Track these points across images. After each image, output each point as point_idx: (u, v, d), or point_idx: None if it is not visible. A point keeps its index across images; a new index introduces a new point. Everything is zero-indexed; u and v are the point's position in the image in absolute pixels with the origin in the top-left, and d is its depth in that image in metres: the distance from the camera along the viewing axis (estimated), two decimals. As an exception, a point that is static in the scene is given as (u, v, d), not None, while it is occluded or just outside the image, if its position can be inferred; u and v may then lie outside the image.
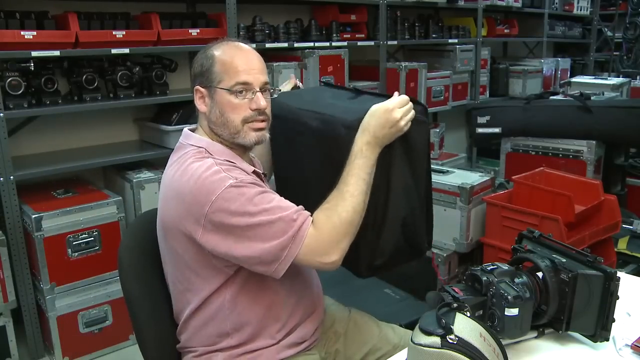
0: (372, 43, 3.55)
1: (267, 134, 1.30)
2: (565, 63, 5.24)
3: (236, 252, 1.14)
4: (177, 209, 1.17)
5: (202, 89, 1.27)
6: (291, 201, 1.19)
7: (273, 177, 1.57)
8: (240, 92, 1.23)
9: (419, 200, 1.31)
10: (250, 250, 1.13)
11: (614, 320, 1.11)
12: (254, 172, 1.28)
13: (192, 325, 1.26)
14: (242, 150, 1.30)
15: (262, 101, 1.25)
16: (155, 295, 1.32)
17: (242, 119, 1.24)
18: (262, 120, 1.27)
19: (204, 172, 1.16)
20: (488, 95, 4.52)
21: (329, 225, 1.15)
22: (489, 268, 1.08)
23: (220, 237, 1.14)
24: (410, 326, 0.98)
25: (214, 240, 1.14)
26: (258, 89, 1.24)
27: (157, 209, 1.29)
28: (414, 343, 0.91)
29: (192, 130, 1.32)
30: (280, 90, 1.47)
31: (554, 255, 1.16)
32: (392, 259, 1.30)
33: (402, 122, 1.20)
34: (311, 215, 1.17)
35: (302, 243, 1.12)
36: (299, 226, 1.13)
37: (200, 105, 1.28)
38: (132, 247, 1.34)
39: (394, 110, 1.19)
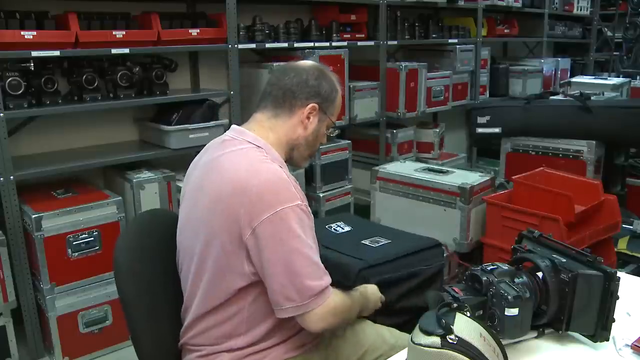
0: (372, 43, 3.55)
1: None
2: (565, 63, 5.24)
3: (268, 265, 1.15)
4: (236, 201, 1.16)
5: (318, 109, 1.34)
6: None
7: None
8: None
9: None
10: (280, 271, 1.15)
11: (614, 320, 1.11)
12: None
13: (204, 324, 1.25)
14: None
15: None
16: (151, 296, 1.32)
17: (317, 147, 1.42)
18: None
19: (276, 176, 1.19)
20: (488, 95, 4.51)
21: (343, 303, 1.27)
22: (489, 268, 1.08)
23: (264, 246, 1.15)
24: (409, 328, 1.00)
25: (258, 246, 1.15)
26: None
27: (155, 209, 1.29)
28: (414, 343, 0.91)
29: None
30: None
31: (554, 255, 1.16)
32: None
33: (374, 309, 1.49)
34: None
35: (322, 303, 1.18)
36: (325, 287, 1.19)
37: (305, 120, 1.33)
38: (128, 247, 1.34)
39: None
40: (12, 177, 2.20)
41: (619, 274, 1.11)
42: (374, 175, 2.97)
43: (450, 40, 4.08)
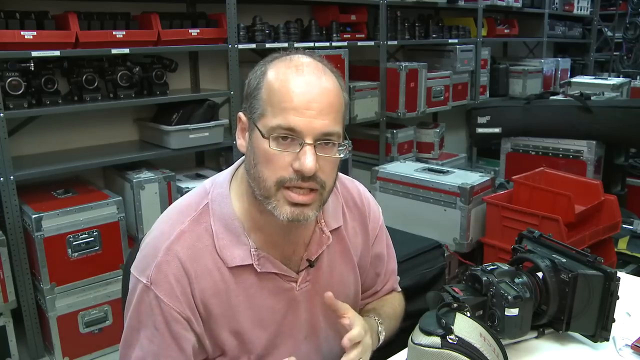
0: (372, 43, 3.55)
1: (311, 213, 0.87)
2: (565, 63, 5.24)
3: None
4: None
5: (243, 118, 0.91)
6: None
7: None
8: (285, 138, 0.83)
9: None
10: None
11: (614, 320, 1.11)
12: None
13: None
14: (277, 227, 0.91)
15: (309, 161, 0.82)
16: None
17: (276, 179, 0.84)
18: (308, 190, 0.86)
19: (154, 241, 0.92)
20: (488, 95, 4.51)
21: None
22: (489, 268, 1.08)
23: None
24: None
25: None
26: (310, 141, 0.84)
27: None
28: (414, 343, 0.91)
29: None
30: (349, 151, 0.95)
31: (554, 255, 1.16)
32: None
33: None
34: None
35: None
36: None
37: (239, 138, 0.92)
38: None
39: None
40: (12, 177, 2.20)
41: (619, 274, 1.11)
42: (374, 175, 2.97)
43: (450, 40, 4.07)
